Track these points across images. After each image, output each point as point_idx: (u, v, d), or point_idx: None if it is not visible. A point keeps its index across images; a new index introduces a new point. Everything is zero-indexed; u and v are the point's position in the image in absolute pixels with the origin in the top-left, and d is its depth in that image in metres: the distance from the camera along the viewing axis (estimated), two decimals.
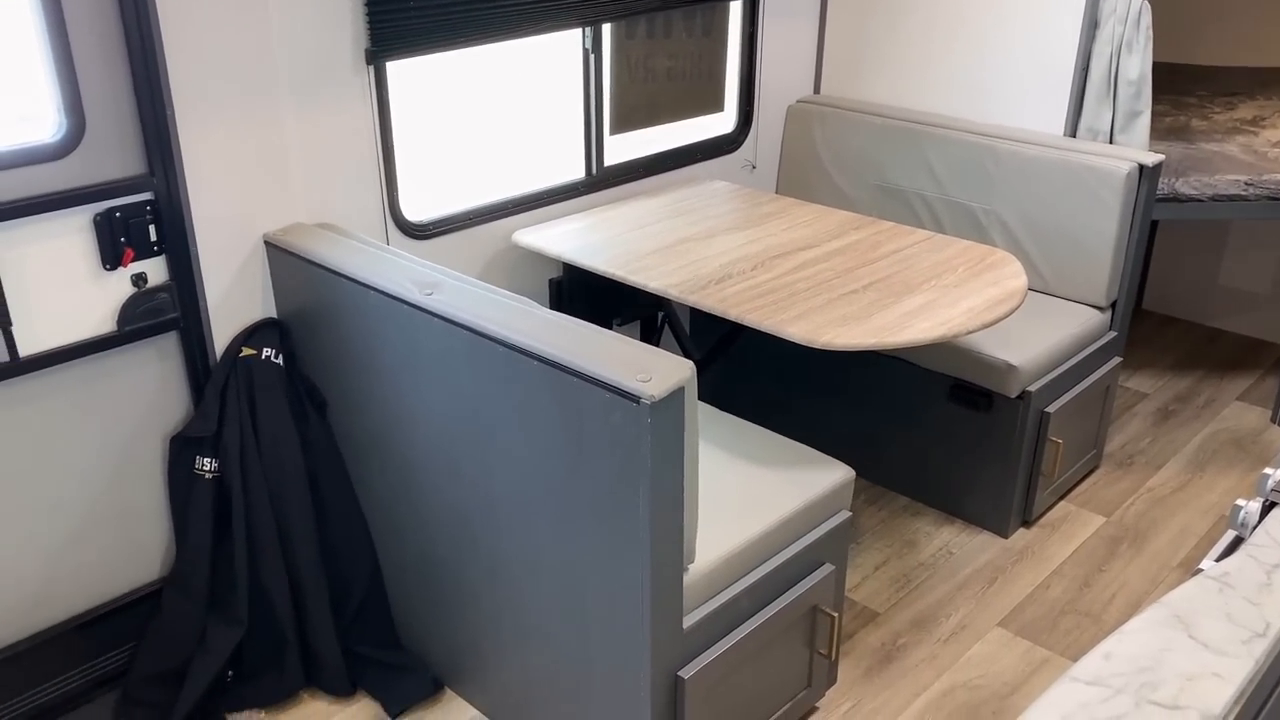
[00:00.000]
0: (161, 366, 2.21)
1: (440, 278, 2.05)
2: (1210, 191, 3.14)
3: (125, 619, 2.28)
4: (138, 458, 2.23)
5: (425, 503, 2.16)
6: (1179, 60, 4.21)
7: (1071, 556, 2.80)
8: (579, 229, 2.78)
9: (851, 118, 3.35)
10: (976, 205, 3.12)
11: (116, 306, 2.10)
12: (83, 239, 2.03)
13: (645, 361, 1.71)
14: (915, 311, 2.27)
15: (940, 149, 3.16)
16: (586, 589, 1.87)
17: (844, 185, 3.39)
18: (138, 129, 2.04)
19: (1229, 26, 4.07)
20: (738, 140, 3.35)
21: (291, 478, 2.25)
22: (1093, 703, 1.04)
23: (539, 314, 1.90)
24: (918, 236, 2.72)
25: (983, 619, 2.57)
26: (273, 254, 2.27)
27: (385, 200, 2.48)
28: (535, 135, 2.89)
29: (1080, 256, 2.96)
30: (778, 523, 2.04)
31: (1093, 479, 3.14)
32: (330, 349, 2.23)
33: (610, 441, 1.70)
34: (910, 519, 2.95)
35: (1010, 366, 2.67)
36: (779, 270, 2.49)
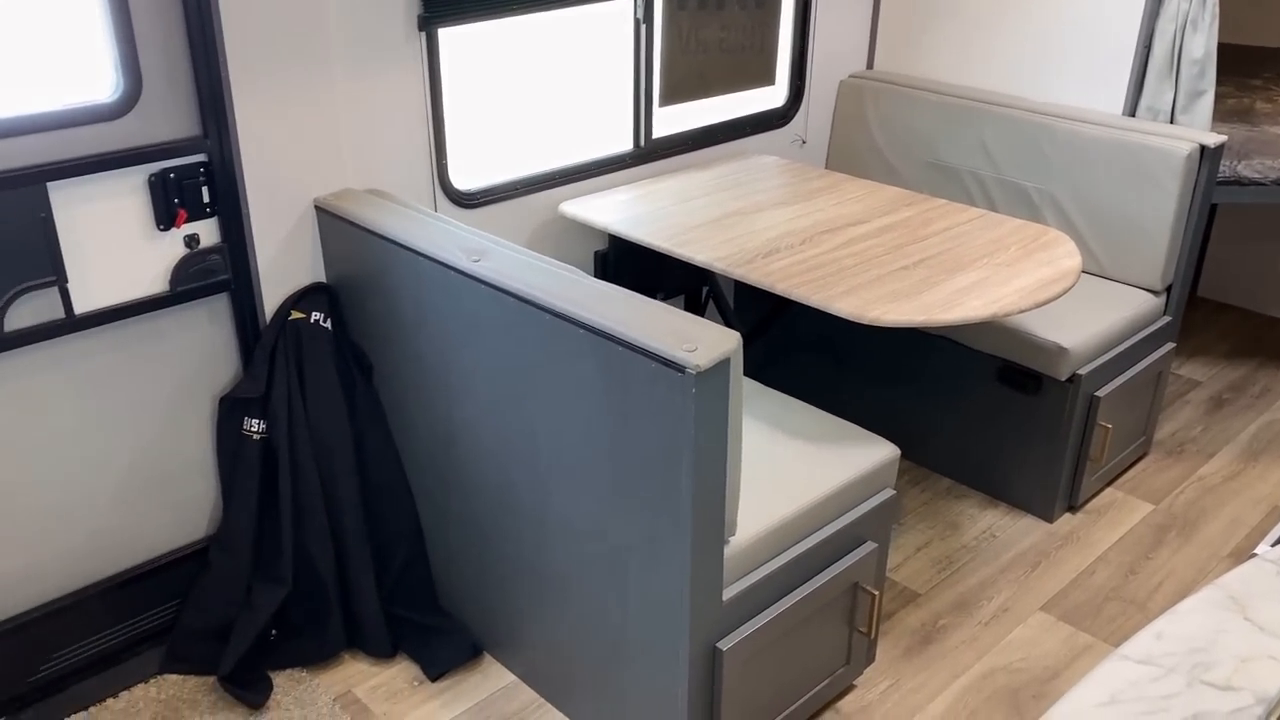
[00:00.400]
0: (212, 328, 2.24)
1: (488, 244, 2.05)
2: (1274, 175, 3.06)
3: (172, 576, 2.32)
4: (187, 417, 2.26)
5: (468, 469, 2.17)
6: (1245, 42, 4.10)
7: (1118, 543, 2.76)
8: (626, 201, 2.77)
9: (905, 94, 3.30)
10: (1030, 185, 3.06)
11: (169, 267, 2.13)
12: (137, 199, 2.06)
13: (691, 332, 1.70)
14: (966, 289, 2.24)
15: (995, 127, 3.10)
16: (627, 558, 1.87)
17: (895, 162, 3.34)
18: (192, 91, 2.06)
19: None
20: (788, 115, 3.32)
21: (337, 440, 2.27)
22: (1143, 681, 1.02)
23: (586, 282, 1.90)
24: (970, 214, 2.67)
25: (1025, 603, 2.54)
26: (323, 219, 2.29)
27: (434, 168, 2.49)
28: (584, 106, 2.87)
29: (1136, 239, 2.90)
30: (821, 499, 2.02)
31: (1141, 466, 3.09)
32: (378, 314, 2.25)
33: (654, 411, 1.69)
34: (954, 501, 2.92)
35: (1061, 349, 2.63)
36: (828, 245, 2.47)
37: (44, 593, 2.17)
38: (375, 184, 2.39)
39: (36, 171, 1.90)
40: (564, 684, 2.18)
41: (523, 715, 2.21)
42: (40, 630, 2.17)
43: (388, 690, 2.27)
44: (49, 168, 1.91)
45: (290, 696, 2.23)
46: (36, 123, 1.89)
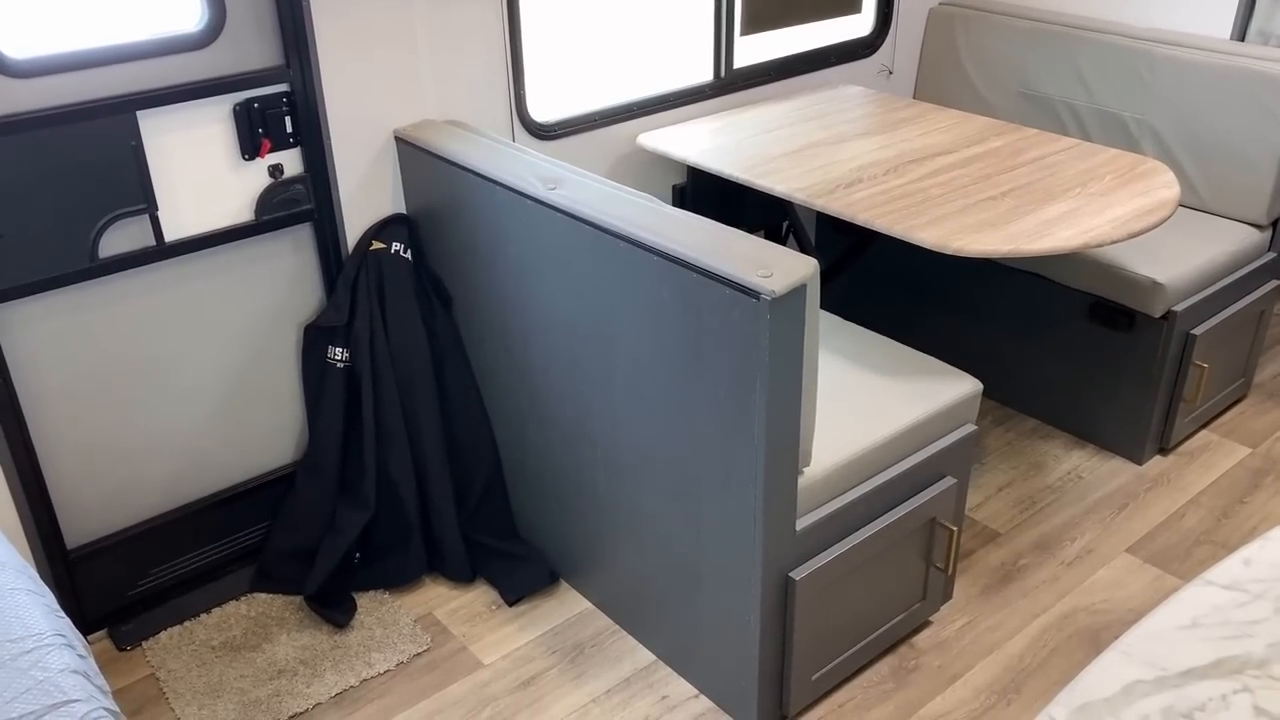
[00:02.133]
0: (296, 257, 2.28)
1: (563, 173, 2.05)
2: None
3: (262, 498, 2.40)
4: (274, 344, 2.32)
5: (545, 397, 2.19)
6: None
7: (1210, 487, 2.67)
8: (705, 132, 2.73)
9: (997, 21, 3.17)
10: (1128, 115, 2.93)
11: (254, 196, 2.17)
12: (223, 128, 2.09)
13: (767, 258, 1.67)
14: (1056, 220, 2.17)
15: (1091, 54, 2.97)
16: (701, 486, 1.87)
17: (986, 93, 3.23)
18: (275, 22, 2.08)
19: None
20: (874, 44, 3.22)
21: (418, 370, 2.31)
22: (1227, 606, 0.99)
23: (661, 210, 1.88)
24: (1063, 144, 2.58)
25: (1110, 544, 2.48)
26: (403, 149, 2.31)
27: (512, 99, 2.48)
28: (664, 35, 2.83)
29: (1241, 170, 2.76)
30: (899, 432, 1.99)
31: (1239, 408, 2.97)
32: (456, 244, 2.26)
33: (729, 338, 1.68)
34: (1039, 441, 2.85)
35: (1155, 284, 2.53)
36: (912, 176, 2.40)
37: (143, 510, 2.27)
38: (454, 115, 2.40)
39: (126, 100, 1.95)
40: (638, 611, 2.21)
41: (598, 641, 2.24)
42: (140, 547, 2.27)
43: (467, 613, 2.32)
44: (138, 97, 1.96)
45: (373, 617, 2.30)
46: (125, 52, 1.93)
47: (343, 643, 2.23)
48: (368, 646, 2.22)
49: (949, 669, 2.16)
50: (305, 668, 2.17)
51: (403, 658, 2.20)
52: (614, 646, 2.23)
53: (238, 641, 2.24)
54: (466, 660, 2.20)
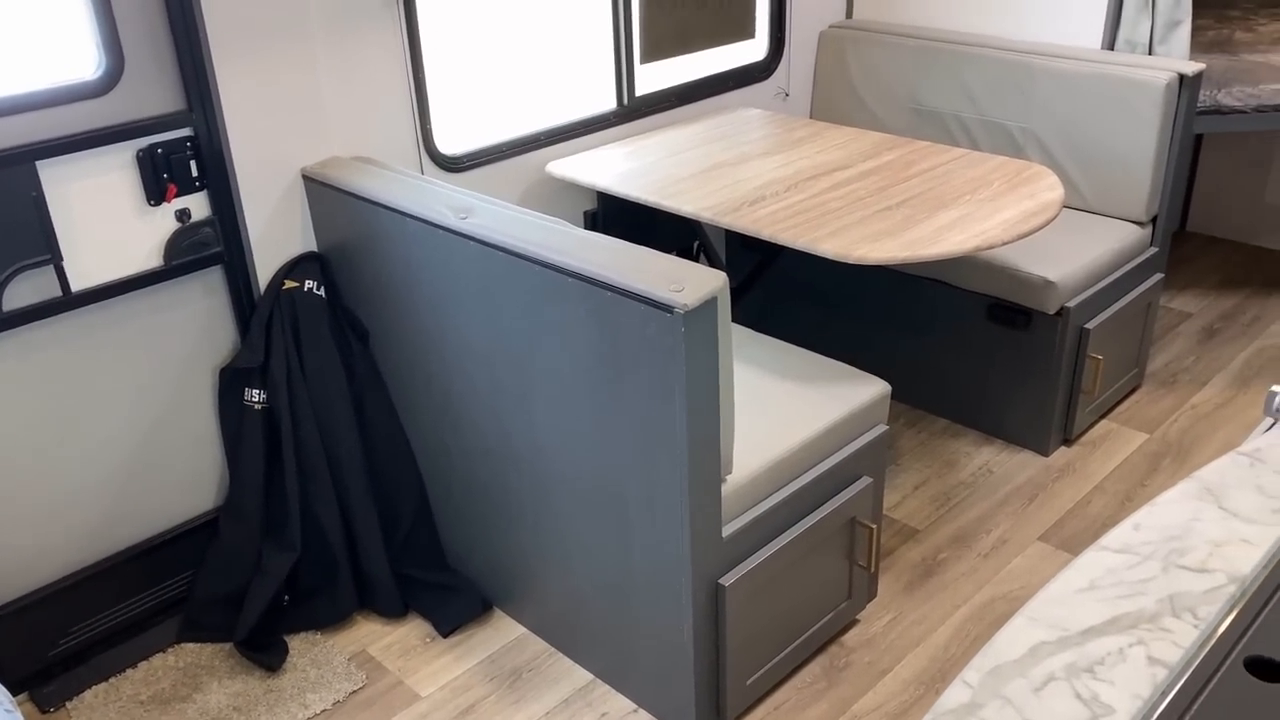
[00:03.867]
0: (208, 300, 2.27)
1: (474, 202, 2.08)
2: (1254, 102, 3.08)
3: (185, 546, 2.36)
4: (189, 389, 2.30)
5: (468, 426, 2.20)
6: None
7: (1113, 473, 2.80)
8: (613, 158, 2.79)
9: (885, 41, 3.31)
10: (1013, 124, 3.08)
11: (162, 241, 2.16)
12: (127, 175, 2.08)
13: (678, 273, 1.72)
14: (949, 225, 2.27)
15: (975, 68, 3.12)
16: (627, 501, 1.91)
17: (879, 110, 3.36)
18: (175, 66, 2.08)
19: None
20: (770, 68, 3.33)
21: (338, 406, 2.31)
22: (1120, 568, 1.06)
23: (573, 233, 1.92)
24: (953, 154, 2.69)
25: (1023, 534, 2.58)
26: (311, 187, 2.31)
27: (419, 133, 2.51)
28: (566, 66, 2.89)
29: (1119, 171, 2.92)
30: (815, 435, 2.06)
31: (1135, 397, 3.13)
32: (370, 279, 2.27)
33: (646, 353, 1.73)
34: (950, 440, 2.96)
35: (1048, 283, 2.66)
36: (812, 191, 2.49)
37: (61, 568, 2.22)
38: (361, 152, 2.41)
39: (24, 151, 1.93)
40: (572, 632, 2.23)
41: (534, 665, 2.26)
42: (59, 605, 2.22)
43: (401, 647, 2.32)
44: (37, 147, 1.94)
45: (306, 658, 2.28)
46: (22, 102, 1.91)
47: (276, 686, 2.21)
48: (302, 688, 2.20)
49: (878, 664, 2.22)
50: (239, 714, 2.14)
51: (339, 696, 2.18)
52: (551, 669, 2.25)
53: (167, 694, 2.20)
54: (404, 694, 2.19)
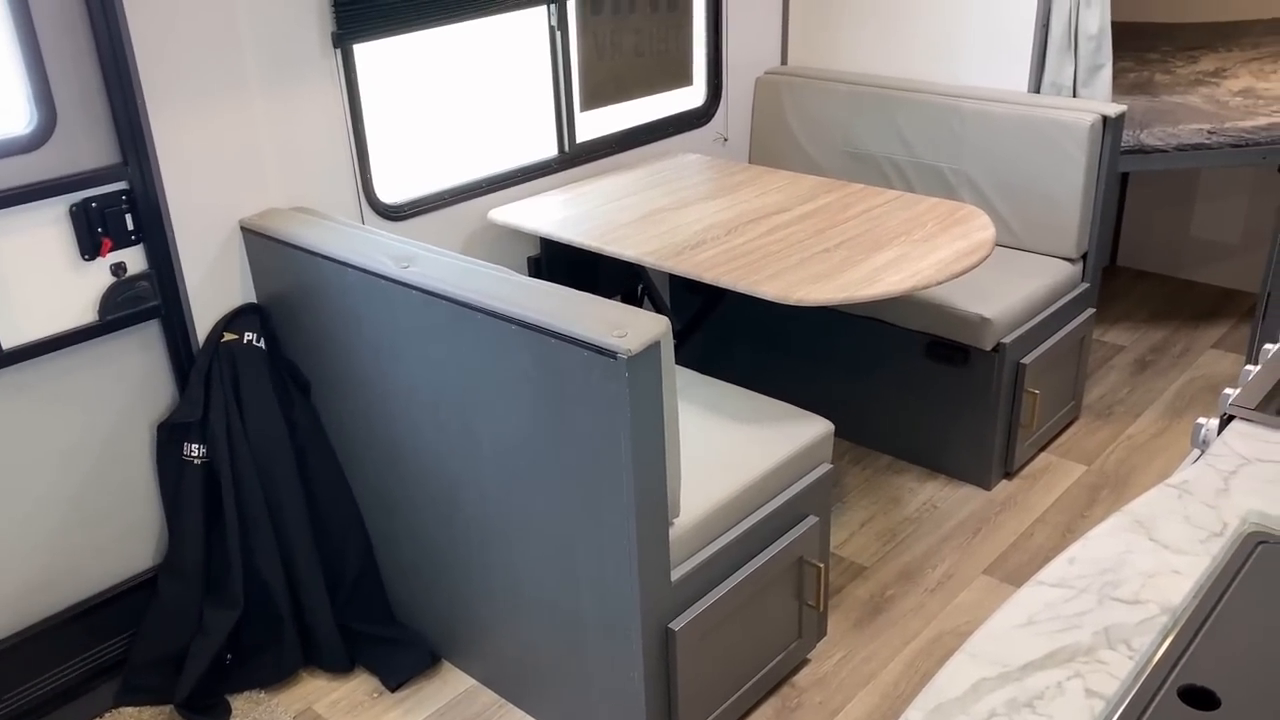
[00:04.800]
0: (145, 355, 2.23)
1: (416, 251, 2.08)
2: (1174, 142, 3.19)
3: (122, 607, 2.30)
4: (126, 446, 2.25)
5: (413, 476, 2.18)
6: (1140, 19, 4.26)
7: (1054, 505, 2.85)
8: (554, 204, 2.81)
9: (819, 86, 3.38)
10: (945, 165, 3.16)
11: (97, 296, 2.12)
12: (60, 230, 2.05)
13: (621, 319, 1.74)
14: (885, 266, 2.31)
15: (907, 112, 3.20)
16: (575, 548, 1.90)
17: (815, 153, 3.43)
18: (109, 119, 2.06)
19: None
20: (708, 113, 3.39)
21: (279, 459, 2.28)
22: (1057, 602, 1.08)
23: (515, 280, 1.93)
24: (887, 196, 2.75)
25: (968, 568, 2.62)
26: (249, 239, 2.30)
27: (359, 183, 2.51)
28: (507, 114, 2.91)
29: (1049, 210, 3.01)
30: (760, 476, 2.07)
31: (1072, 430, 3.19)
32: (311, 330, 2.26)
33: (591, 399, 1.73)
34: (893, 476, 2.99)
35: (984, 319, 2.71)
36: (752, 234, 2.53)
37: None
38: (300, 202, 2.41)
39: None
40: (523, 682, 2.20)
41: (485, 717, 2.23)
42: None
43: (348, 704, 2.27)
44: None
45: (250, 718, 2.23)
46: None
47: None
48: None
49: (830, 704, 2.23)
50: None
51: None
52: None
53: None
54: None
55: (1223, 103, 3.34)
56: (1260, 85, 3.45)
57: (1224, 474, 1.27)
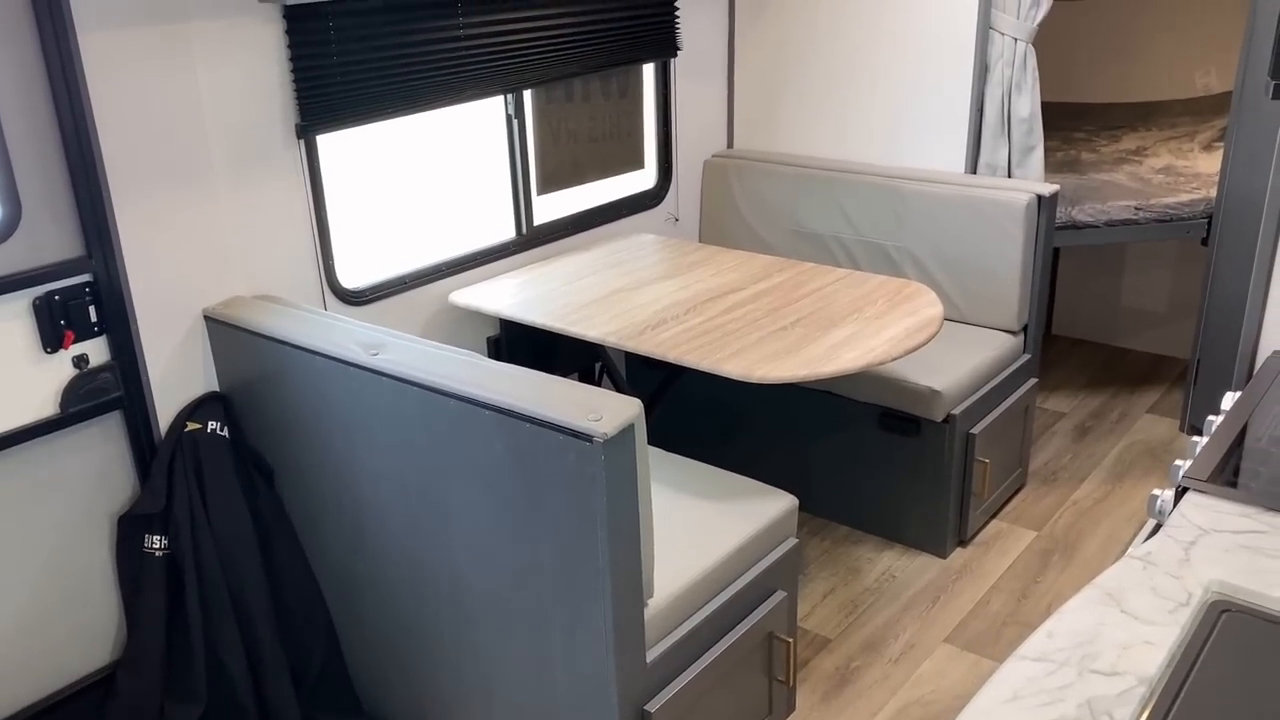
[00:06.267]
0: (106, 447, 2.21)
1: (384, 337, 2.10)
2: (1104, 218, 3.35)
3: (80, 706, 2.23)
4: (85, 541, 2.21)
5: (381, 563, 2.17)
6: (1064, 99, 4.48)
7: (1008, 571, 2.92)
8: (514, 286, 2.85)
9: (765, 168, 3.49)
10: (889, 243, 3.27)
11: (59, 389, 2.10)
12: (22, 323, 2.04)
13: (594, 402, 1.77)
14: (841, 343, 2.39)
15: (850, 193, 3.32)
16: (549, 632, 1.91)
17: (763, 232, 3.53)
18: (74, 212, 2.07)
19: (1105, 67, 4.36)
20: (659, 195, 3.48)
21: (243, 549, 2.25)
22: (1040, 676, 1.13)
23: (486, 365, 1.96)
24: (837, 274, 2.84)
25: (929, 637, 2.66)
26: (213, 328, 2.30)
27: (321, 269, 2.53)
28: (466, 198, 2.96)
29: (990, 284, 3.13)
30: (729, 553, 2.11)
31: (1021, 496, 3.28)
32: (276, 417, 2.25)
33: (566, 483, 1.76)
34: (852, 547, 3.04)
35: (934, 392, 2.80)
36: (710, 313, 2.59)
37: None
38: (264, 289, 2.42)
39: None
40: None
41: None
42: None
43: None
44: None
45: None
46: None
47: None
48: None
49: None
50: None
51: None
52: None
53: None
54: None
55: (1146, 180, 3.52)
56: (1180, 163, 3.65)
57: (1184, 544, 1.33)
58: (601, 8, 3.01)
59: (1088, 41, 4.30)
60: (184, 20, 2.14)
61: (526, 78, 2.86)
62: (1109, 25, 4.25)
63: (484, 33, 2.69)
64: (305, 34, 2.33)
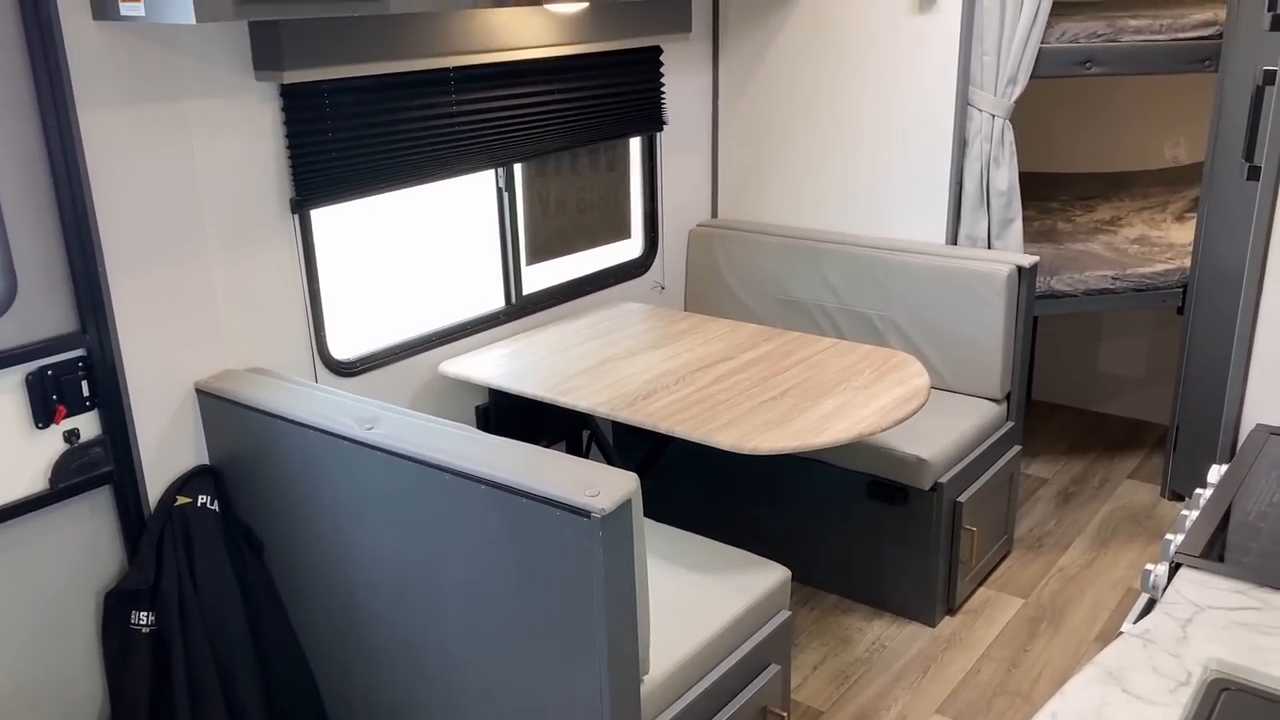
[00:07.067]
0: (95, 522, 2.19)
1: (379, 411, 2.11)
2: (1082, 287, 3.41)
3: None
4: (70, 618, 2.18)
5: (372, 640, 2.15)
6: (1039, 169, 4.58)
7: (997, 639, 2.92)
8: (504, 356, 2.86)
9: (749, 238, 3.55)
10: (872, 312, 3.32)
11: (49, 464, 2.09)
12: (14, 399, 2.03)
13: (590, 477, 1.78)
14: (831, 413, 2.41)
15: (834, 262, 3.37)
16: (545, 709, 1.89)
17: (747, 300, 3.57)
18: (70, 288, 2.07)
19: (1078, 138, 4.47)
20: (646, 264, 3.52)
21: (232, 625, 2.23)
22: None
23: (481, 439, 1.97)
24: (823, 344, 2.88)
25: (921, 708, 2.65)
26: (204, 401, 2.30)
27: (313, 340, 2.54)
28: (456, 268, 2.99)
29: (972, 353, 3.17)
30: (724, 627, 2.10)
31: (1007, 563, 3.29)
32: (267, 491, 2.24)
33: (562, 558, 1.76)
34: (841, 616, 3.04)
35: (921, 460, 2.82)
36: (700, 383, 2.61)
37: None
38: (255, 362, 2.42)
39: None
40: None
41: None
42: None
43: None
44: None
45: None
46: None
47: None
48: None
49: None
50: None
51: None
52: None
53: None
54: None
55: (1122, 250, 3.60)
56: (1153, 233, 3.74)
57: (1181, 622, 1.35)
58: (591, 84, 3.08)
59: (1061, 114, 4.42)
60: (183, 99, 2.18)
61: (517, 152, 2.90)
62: (1081, 99, 4.38)
63: (476, 109, 2.74)
64: (302, 111, 2.37)
